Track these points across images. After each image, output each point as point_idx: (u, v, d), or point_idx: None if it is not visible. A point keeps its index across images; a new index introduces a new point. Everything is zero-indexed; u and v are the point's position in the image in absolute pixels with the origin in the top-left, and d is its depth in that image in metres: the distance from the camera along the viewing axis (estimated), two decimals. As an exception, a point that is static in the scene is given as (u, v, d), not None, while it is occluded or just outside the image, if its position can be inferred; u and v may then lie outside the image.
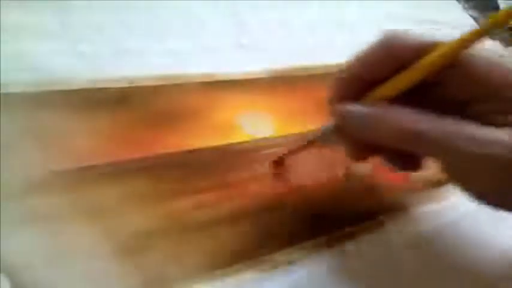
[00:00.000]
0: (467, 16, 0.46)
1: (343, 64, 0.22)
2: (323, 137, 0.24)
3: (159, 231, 0.21)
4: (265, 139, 0.27)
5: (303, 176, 0.26)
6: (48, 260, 0.18)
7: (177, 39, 0.29)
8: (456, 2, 0.47)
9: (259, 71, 0.29)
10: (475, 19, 0.46)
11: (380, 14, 0.39)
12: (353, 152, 0.23)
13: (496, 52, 0.43)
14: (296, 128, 0.27)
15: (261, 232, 0.23)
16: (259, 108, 0.28)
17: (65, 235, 0.19)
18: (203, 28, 0.30)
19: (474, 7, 0.47)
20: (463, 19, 0.45)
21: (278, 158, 0.26)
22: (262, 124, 0.27)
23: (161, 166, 0.23)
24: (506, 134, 0.19)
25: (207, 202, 0.23)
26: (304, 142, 0.25)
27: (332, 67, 0.31)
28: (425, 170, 0.23)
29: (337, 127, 0.23)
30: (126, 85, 0.25)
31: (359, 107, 0.21)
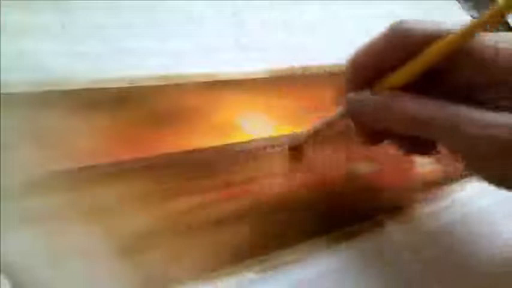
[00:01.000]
0: (467, 16, 0.46)
1: (346, 60, 0.22)
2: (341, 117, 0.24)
3: (159, 231, 0.21)
4: (265, 139, 0.27)
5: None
6: (48, 260, 0.18)
7: (177, 39, 0.28)
8: (456, 2, 0.47)
9: (259, 71, 0.29)
10: (475, 19, 0.46)
11: (380, 14, 0.39)
12: (366, 138, 0.24)
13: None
14: (296, 128, 0.27)
15: (261, 232, 0.23)
16: (259, 108, 0.28)
17: (65, 235, 0.19)
18: (203, 28, 0.30)
19: (474, 7, 0.47)
20: (463, 19, 0.45)
21: (296, 145, 0.26)
22: (262, 124, 0.27)
23: (161, 166, 0.23)
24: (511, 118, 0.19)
25: (207, 202, 0.23)
26: (323, 125, 0.25)
27: (332, 67, 0.31)
28: (424, 170, 0.23)
29: (349, 114, 0.23)
30: (126, 85, 0.25)
31: (368, 96, 0.22)
